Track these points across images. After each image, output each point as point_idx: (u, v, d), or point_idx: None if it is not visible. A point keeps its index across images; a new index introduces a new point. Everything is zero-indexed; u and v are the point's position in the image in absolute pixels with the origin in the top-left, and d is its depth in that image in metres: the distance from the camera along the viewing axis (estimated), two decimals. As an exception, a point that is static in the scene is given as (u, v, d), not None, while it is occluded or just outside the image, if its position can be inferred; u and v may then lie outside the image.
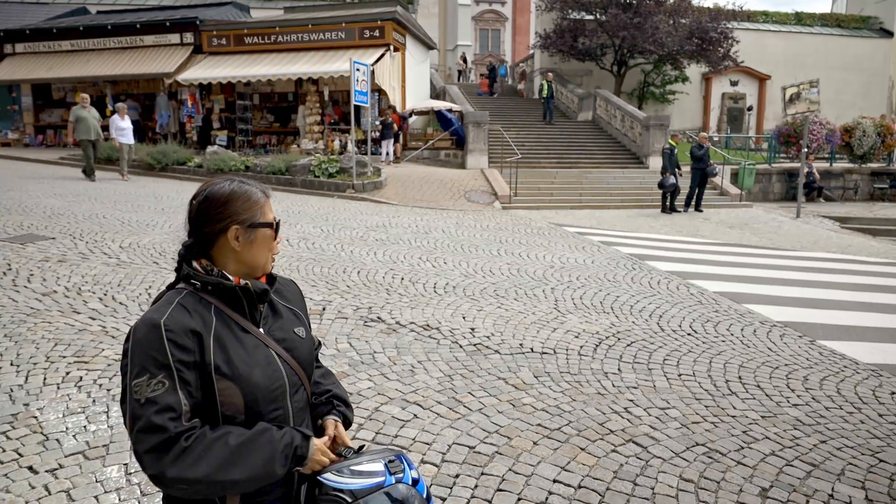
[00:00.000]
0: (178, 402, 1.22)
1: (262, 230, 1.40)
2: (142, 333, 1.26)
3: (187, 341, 1.26)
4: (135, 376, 1.23)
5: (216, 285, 1.35)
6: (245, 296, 1.37)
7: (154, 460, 1.19)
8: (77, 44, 20.81)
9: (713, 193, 15.93)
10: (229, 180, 1.42)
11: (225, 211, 1.37)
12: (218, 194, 1.38)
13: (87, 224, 8.34)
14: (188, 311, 1.31)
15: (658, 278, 7.36)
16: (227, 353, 1.30)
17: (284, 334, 1.44)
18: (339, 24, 18.56)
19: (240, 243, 1.37)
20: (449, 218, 11.39)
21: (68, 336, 4.51)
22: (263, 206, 1.42)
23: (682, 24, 22.88)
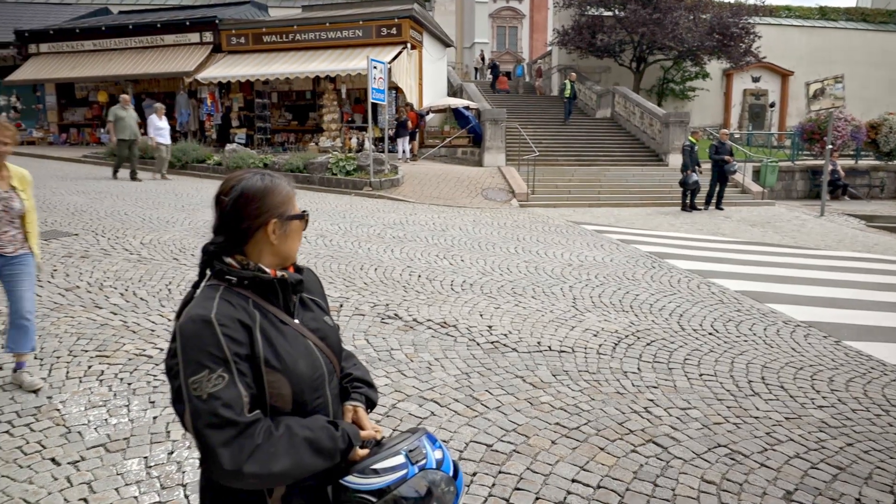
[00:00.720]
0: (240, 394, 1.22)
1: (295, 222, 1.42)
2: (193, 330, 1.24)
3: (240, 334, 1.26)
4: (191, 374, 1.21)
5: (253, 279, 1.34)
6: (282, 288, 1.38)
7: (231, 455, 1.18)
8: (99, 43, 21.10)
9: (734, 191, 15.71)
10: (257, 174, 1.41)
11: (263, 205, 1.36)
12: (253, 189, 1.37)
13: (108, 221, 8.44)
14: (232, 304, 1.30)
15: (678, 277, 7.28)
16: (274, 346, 1.31)
17: (317, 324, 1.46)
18: (357, 22, 18.59)
19: (277, 236, 1.38)
20: (466, 216, 11.37)
21: (90, 330, 4.57)
22: (293, 198, 1.44)
23: (702, 20, 22.57)
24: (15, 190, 3.65)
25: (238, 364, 1.24)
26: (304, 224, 1.44)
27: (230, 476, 1.19)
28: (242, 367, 1.24)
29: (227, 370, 1.22)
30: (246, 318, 1.29)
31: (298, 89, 20.53)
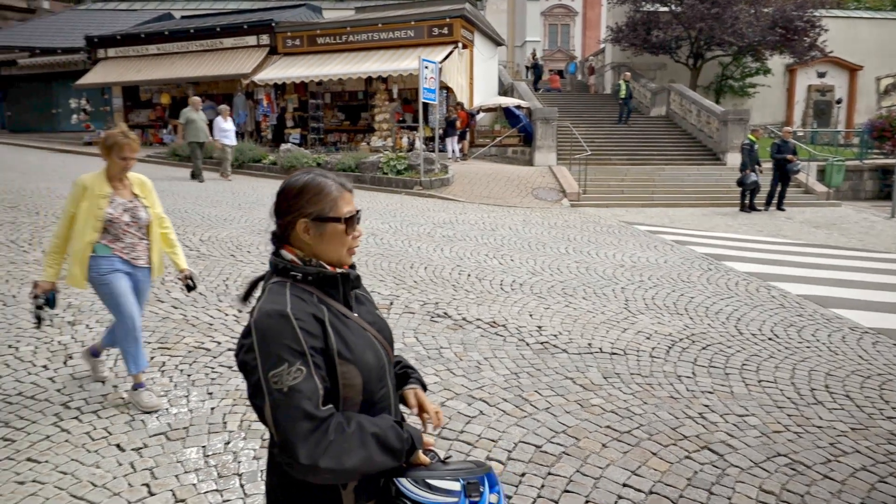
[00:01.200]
0: (317, 387, 1.24)
1: (333, 224, 1.38)
2: (270, 325, 1.26)
3: (314, 328, 1.29)
4: (271, 367, 1.22)
5: (316, 275, 1.37)
6: (343, 283, 1.40)
7: (309, 450, 1.19)
8: (163, 47, 21.95)
9: (798, 191, 15.10)
10: (308, 172, 1.43)
11: (295, 203, 1.38)
12: (291, 186, 1.40)
13: (170, 218, 8.75)
14: (303, 300, 1.32)
15: (736, 279, 7.04)
16: (344, 338, 1.33)
17: (373, 317, 1.48)
18: (409, 23, 18.73)
19: (310, 236, 1.39)
20: (516, 215, 11.30)
21: (153, 323, 4.76)
22: (337, 199, 1.40)
23: (764, 14, 21.72)
24: (138, 198, 3.52)
25: (314, 357, 1.26)
26: (347, 228, 1.40)
27: (307, 470, 1.20)
28: (318, 361, 1.26)
29: (304, 363, 1.24)
30: (318, 312, 1.32)
31: (351, 90, 20.83)
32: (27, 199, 9.63)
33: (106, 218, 3.37)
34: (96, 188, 3.37)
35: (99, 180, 3.40)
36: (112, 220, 3.39)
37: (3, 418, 3.34)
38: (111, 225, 3.40)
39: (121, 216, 3.42)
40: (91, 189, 3.36)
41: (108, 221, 3.38)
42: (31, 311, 3.45)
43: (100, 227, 3.37)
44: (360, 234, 1.46)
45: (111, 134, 3.38)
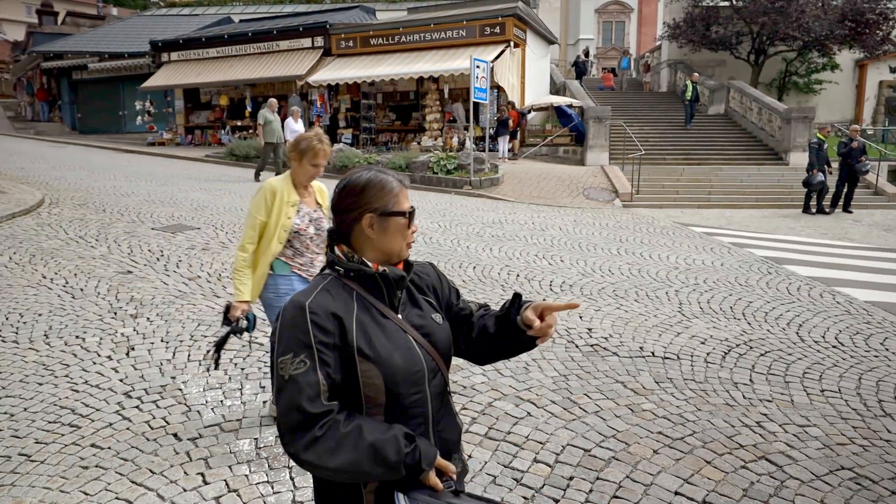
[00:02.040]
0: (318, 381, 1.27)
1: (396, 219, 1.43)
2: (289, 315, 1.33)
3: (328, 324, 1.31)
4: (280, 354, 1.30)
5: (357, 272, 1.40)
6: (384, 282, 1.41)
7: (291, 440, 1.26)
8: (222, 50, 22.68)
9: (866, 192, 14.38)
10: (368, 169, 1.47)
11: (360, 199, 1.41)
12: (355, 183, 1.43)
13: (227, 216, 9.05)
14: (331, 295, 1.36)
15: (798, 284, 6.75)
16: (369, 336, 1.35)
17: (422, 321, 1.47)
18: (461, 23, 18.75)
19: (374, 231, 1.42)
20: (566, 215, 11.16)
21: (209, 317, 4.91)
22: (398, 195, 1.44)
23: (832, 6, 20.74)
24: (321, 207, 3.24)
25: (321, 353, 1.29)
26: (408, 222, 1.45)
27: (291, 457, 1.28)
28: (326, 357, 1.29)
29: (309, 356, 1.28)
30: (341, 308, 1.34)
31: (402, 90, 21.01)
32: (94, 197, 10.10)
33: (293, 229, 3.09)
34: (285, 194, 3.09)
35: (287, 186, 3.12)
36: (298, 232, 3.11)
37: (70, 405, 3.51)
38: (296, 237, 3.13)
39: (307, 228, 3.14)
40: (281, 195, 3.08)
41: (293, 233, 3.11)
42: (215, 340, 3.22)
43: (285, 240, 3.10)
44: (416, 230, 1.50)
45: (306, 137, 3.10)
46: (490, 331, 1.54)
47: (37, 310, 4.97)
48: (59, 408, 3.48)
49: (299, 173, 3.14)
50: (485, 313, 1.60)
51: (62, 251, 6.70)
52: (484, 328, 1.56)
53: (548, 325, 1.42)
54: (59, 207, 9.07)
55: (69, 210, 8.91)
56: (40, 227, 7.82)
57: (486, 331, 1.55)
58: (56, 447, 3.08)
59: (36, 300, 5.19)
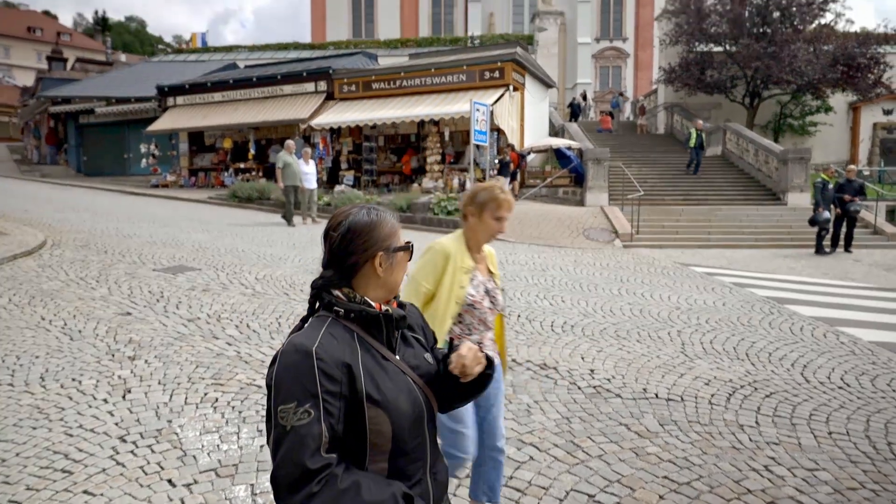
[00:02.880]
0: (320, 433, 1.22)
1: (402, 253, 1.46)
2: (292, 359, 1.26)
3: (336, 371, 1.26)
4: (282, 401, 1.24)
5: (359, 312, 1.36)
6: (386, 322, 1.38)
7: (287, 493, 1.20)
8: (227, 95, 23.12)
9: (865, 232, 14.42)
10: (363, 208, 1.45)
11: (370, 239, 1.40)
12: (361, 223, 1.41)
13: (228, 257, 9.06)
14: (336, 339, 1.31)
15: (801, 324, 6.71)
16: (376, 381, 1.31)
17: (418, 361, 1.44)
18: (461, 67, 19.15)
19: (384, 269, 1.41)
20: (567, 256, 11.17)
21: (207, 359, 4.87)
22: (399, 230, 1.47)
23: (824, 52, 21.22)
24: (493, 276, 2.69)
25: (327, 403, 1.23)
26: (409, 255, 1.47)
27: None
28: (331, 407, 1.24)
29: (314, 406, 1.22)
30: (347, 354, 1.30)
31: (404, 133, 21.32)
32: (97, 239, 10.14)
33: (467, 301, 2.51)
34: (458, 259, 2.53)
35: (461, 249, 2.56)
36: (472, 305, 2.52)
37: (64, 450, 3.44)
38: (469, 312, 2.53)
39: (482, 300, 2.55)
40: (454, 260, 2.52)
41: (466, 307, 2.52)
42: None
43: (456, 315, 2.52)
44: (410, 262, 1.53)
45: (487, 188, 2.56)
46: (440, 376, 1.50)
47: (34, 352, 4.93)
48: (53, 453, 3.41)
49: (478, 231, 2.57)
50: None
51: (62, 292, 6.69)
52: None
53: (458, 363, 1.40)
54: (61, 249, 9.10)
55: (71, 251, 8.93)
56: (41, 268, 7.82)
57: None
58: (48, 493, 3.01)
59: (34, 342, 5.16)
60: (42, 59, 52.88)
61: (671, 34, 23.88)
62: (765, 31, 21.80)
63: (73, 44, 62.94)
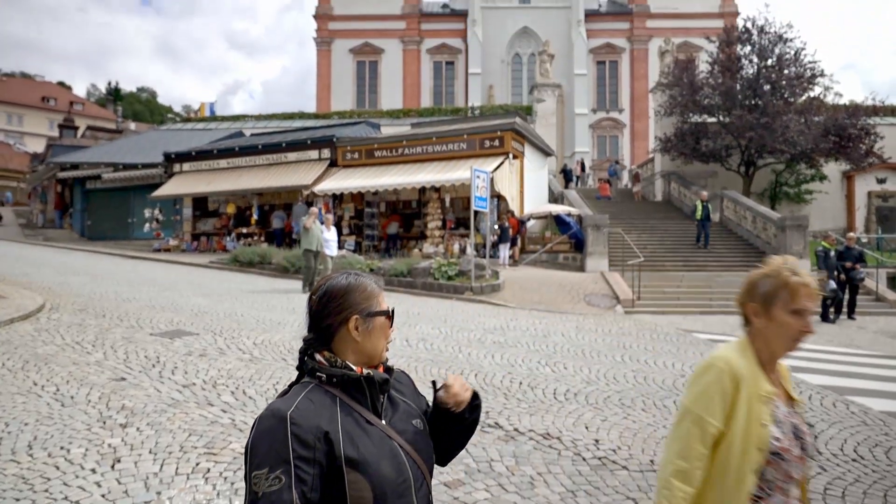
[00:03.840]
0: (291, 501, 1.21)
1: (379, 318, 1.44)
2: (267, 425, 1.28)
3: (310, 437, 1.26)
4: (255, 467, 1.24)
5: (341, 377, 1.37)
6: (369, 386, 1.38)
7: None
8: (232, 162, 23.61)
9: (868, 299, 14.37)
10: (345, 273, 1.49)
11: (345, 302, 1.42)
12: (337, 287, 1.45)
13: (227, 321, 8.99)
14: (314, 404, 1.32)
15: (809, 392, 6.56)
16: (356, 446, 1.30)
17: (405, 426, 1.43)
18: (461, 136, 19.64)
19: (360, 333, 1.42)
20: (568, 321, 11.08)
21: (201, 427, 4.73)
22: (378, 295, 1.47)
23: (815, 122, 21.79)
24: (794, 404, 1.82)
25: (299, 469, 1.22)
26: (389, 321, 1.47)
27: None
28: (303, 473, 1.23)
29: (285, 472, 1.22)
30: (325, 419, 1.29)
31: (405, 199, 21.63)
32: (95, 303, 10.10)
33: (771, 448, 1.67)
34: (752, 382, 1.71)
35: (751, 366, 1.74)
36: (779, 455, 1.68)
37: (47, 523, 3.29)
38: (773, 464, 1.68)
39: (790, 446, 1.71)
40: (747, 384, 1.70)
41: (771, 456, 1.68)
42: None
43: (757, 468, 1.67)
44: (395, 330, 1.52)
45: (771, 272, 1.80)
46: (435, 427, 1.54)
47: (24, 419, 4.80)
48: (35, 526, 3.26)
49: (771, 337, 1.76)
50: None
51: (57, 357, 6.59)
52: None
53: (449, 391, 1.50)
54: (59, 313, 9.04)
55: (68, 315, 8.87)
56: (38, 332, 7.74)
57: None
58: (26, 572, 2.86)
59: (24, 408, 5.03)
60: (54, 126, 54.39)
61: (665, 106, 24.59)
62: (756, 102, 22.45)
63: (85, 113, 64.87)
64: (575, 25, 45.10)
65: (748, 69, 23.24)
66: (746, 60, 23.40)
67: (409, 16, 46.17)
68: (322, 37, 46.43)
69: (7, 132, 62.46)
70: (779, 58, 22.67)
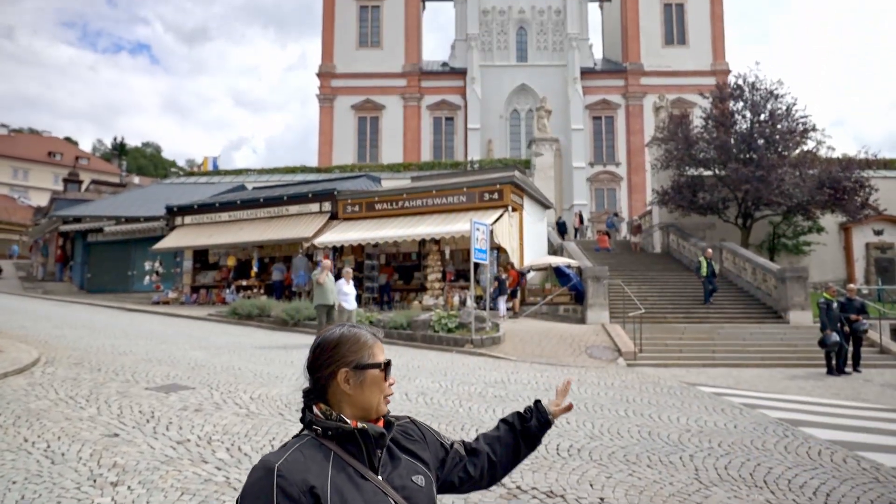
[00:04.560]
0: None
1: (371, 371, 1.42)
2: (255, 477, 1.27)
3: (294, 490, 1.24)
4: None
5: (335, 430, 1.36)
6: (363, 440, 1.36)
7: None
8: (234, 215, 23.80)
9: (872, 351, 14.23)
10: (340, 326, 1.49)
11: (335, 354, 1.42)
12: (329, 339, 1.45)
13: (223, 375, 8.86)
14: (304, 456, 1.31)
15: (818, 448, 6.41)
16: (345, 500, 1.27)
17: (403, 482, 1.39)
18: (461, 189, 19.87)
19: (350, 385, 1.40)
20: (570, 374, 10.92)
21: (194, 486, 4.59)
22: (372, 347, 1.45)
23: (809, 175, 22.09)
24: None
25: None
26: (383, 375, 1.44)
27: None
28: None
29: None
30: (314, 473, 1.27)
31: (405, 251, 21.71)
32: (91, 356, 9.98)
33: None
34: None
35: None
36: None
37: (29, 589, 3.15)
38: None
39: None
40: None
41: None
42: None
43: None
44: (394, 382, 1.48)
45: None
46: (506, 447, 1.72)
47: (12, 477, 4.66)
48: (17, 593, 3.12)
49: None
50: (484, 439, 1.73)
51: (49, 412, 6.46)
52: (494, 451, 1.70)
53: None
54: (54, 366, 8.92)
55: (63, 369, 8.75)
56: (31, 386, 7.62)
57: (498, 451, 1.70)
58: None
59: (13, 466, 4.90)
60: (59, 181, 55.13)
61: (661, 159, 24.97)
62: (751, 156, 22.80)
63: (89, 167, 65.82)
64: (571, 82, 46.28)
65: (742, 124, 23.72)
66: (740, 116, 23.91)
67: (410, 74, 47.43)
68: (324, 94, 47.57)
69: (12, 186, 63.23)
70: (771, 113, 23.17)
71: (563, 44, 47.40)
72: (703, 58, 47.30)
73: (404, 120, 47.39)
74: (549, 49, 47.72)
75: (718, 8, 47.82)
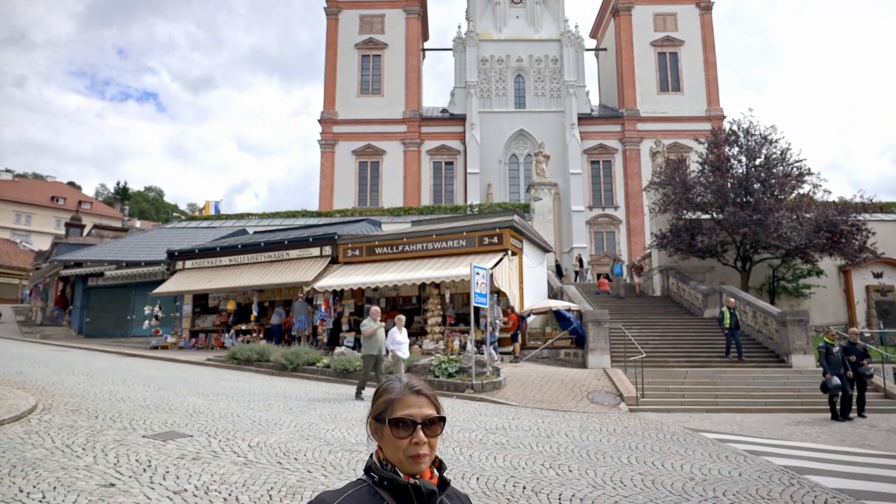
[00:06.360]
0: None
1: (389, 427, 1.39)
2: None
3: None
4: None
5: (390, 480, 1.37)
6: (416, 495, 1.35)
7: None
8: (234, 259, 23.88)
9: (876, 396, 14.08)
10: (394, 377, 1.51)
11: (373, 405, 1.46)
12: (376, 390, 1.50)
13: (222, 422, 8.77)
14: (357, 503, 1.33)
15: (824, 497, 6.30)
16: None
17: None
18: (461, 233, 20.00)
19: (378, 437, 1.42)
20: (572, 421, 10.80)
21: (191, 538, 4.51)
22: (394, 401, 1.40)
23: (806, 219, 22.28)
24: None
25: None
26: (401, 432, 1.36)
27: None
28: None
29: None
30: None
31: (405, 295, 21.68)
32: (89, 403, 9.89)
33: None
34: None
35: None
36: None
37: None
38: None
39: None
40: None
41: None
42: None
43: None
44: (420, 442, 1.37)
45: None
46: None
47: (5, 529, 4.59)
48: None
49: None
50: None
51: (45, 461, 6.38)
52: None
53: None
54: (51, 414, 8.83)
55: (60, 416, 8.66)
56: (28, 434, 7.53)
57: None
58: None
59: (6, 517, 4.82)
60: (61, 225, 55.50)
61: (659, 203, 25.21)
62: (748, 200, 23.03)
63: (92, 211, 66.35)
64: (569, 128, 47.10)
65: (738, 168, 24.06)
66: (735, 160, 24.28)
67: (410, 120, 48.32)
68: (326, 139, 48.35)
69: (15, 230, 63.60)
70: (766, 158, 23.52)
71: (560, 91, 48.44)
72: (697, 103, 48.27)
73: (404, 164, 48.03)
74: (546, 96, 48.73)
75: (711, 55, 49.06)
